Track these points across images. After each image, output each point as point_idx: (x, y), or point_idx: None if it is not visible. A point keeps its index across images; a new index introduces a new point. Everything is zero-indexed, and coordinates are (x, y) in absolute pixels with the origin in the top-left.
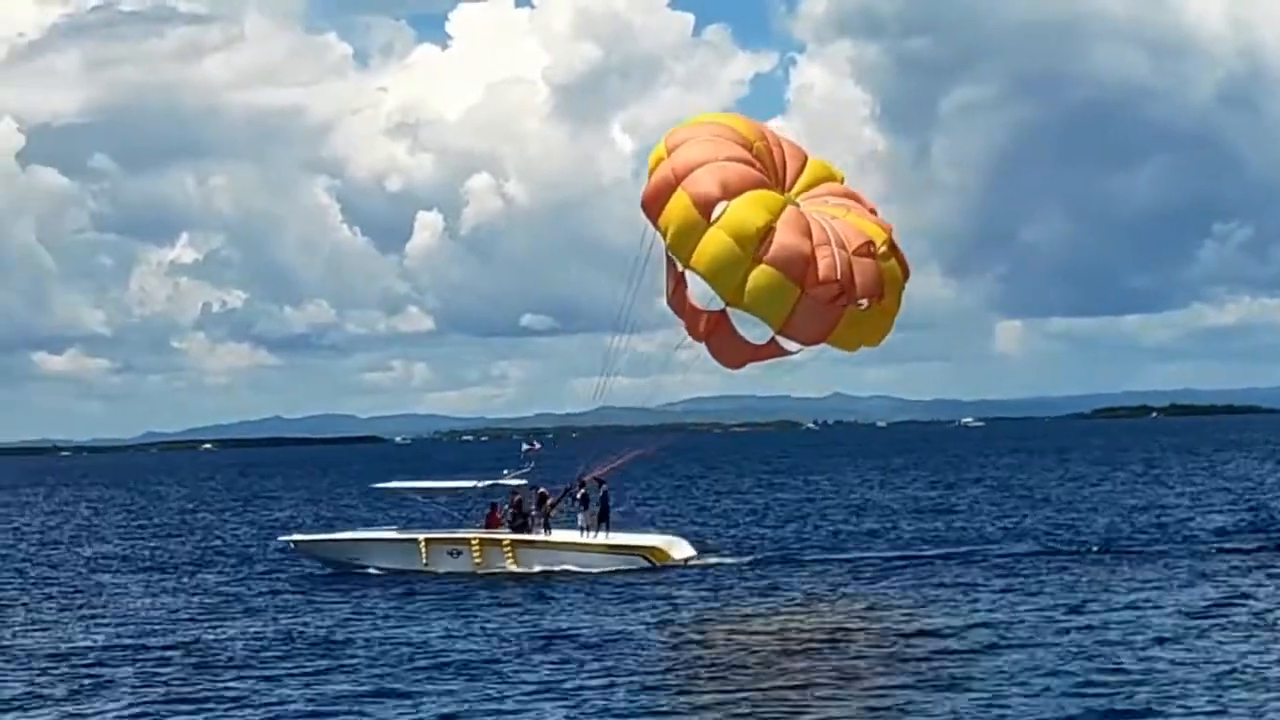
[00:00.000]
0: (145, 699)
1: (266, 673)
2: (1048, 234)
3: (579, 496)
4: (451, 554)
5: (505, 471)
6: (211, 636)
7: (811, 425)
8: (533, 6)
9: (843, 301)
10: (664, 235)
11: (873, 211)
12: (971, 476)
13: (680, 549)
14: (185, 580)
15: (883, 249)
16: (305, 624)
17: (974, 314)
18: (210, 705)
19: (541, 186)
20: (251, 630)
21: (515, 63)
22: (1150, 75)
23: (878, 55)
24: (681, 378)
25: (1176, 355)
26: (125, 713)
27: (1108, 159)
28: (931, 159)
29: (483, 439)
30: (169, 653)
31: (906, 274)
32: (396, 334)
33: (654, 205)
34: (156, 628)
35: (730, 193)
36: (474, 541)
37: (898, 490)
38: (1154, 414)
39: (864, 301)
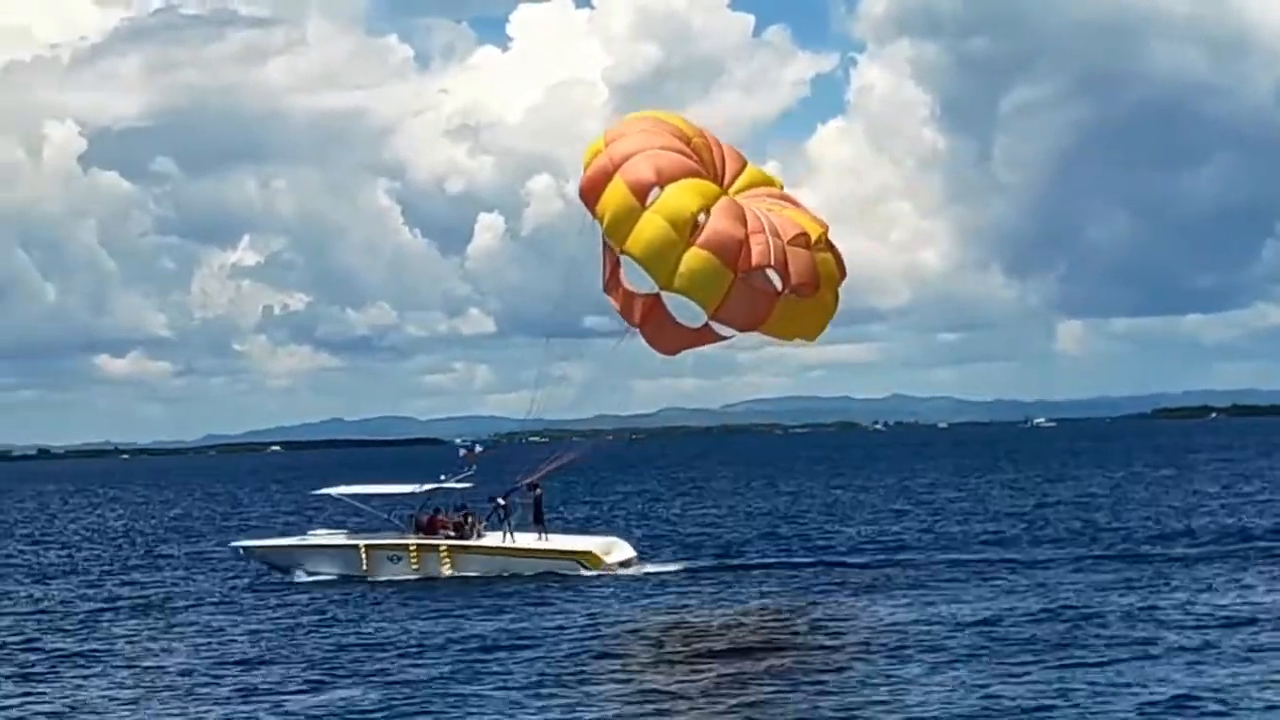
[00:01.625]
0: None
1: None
2: (1109, 233)
3: (501, 504)
4: (391, 559)
5: (443, 477)
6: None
7: (878, 427)
8: (593, 8)
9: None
10: (600, 221)
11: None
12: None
13: (617, 552)
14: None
15: (817, 241)
16: (225, 632)
17: (1035, 314)
18: None
19: None
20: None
21: (575, 64)
22: (1211, 73)
23: (938, 55)
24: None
25: (1238, 355)
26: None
27: (1169, 158)
28: (992, 159)
29: (543, 440)
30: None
31: (843, 273)
32: (457, 336)
33: (591, 193)
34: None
35: (665, 179)
36: (412, 547)
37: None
38: (1214, 414)
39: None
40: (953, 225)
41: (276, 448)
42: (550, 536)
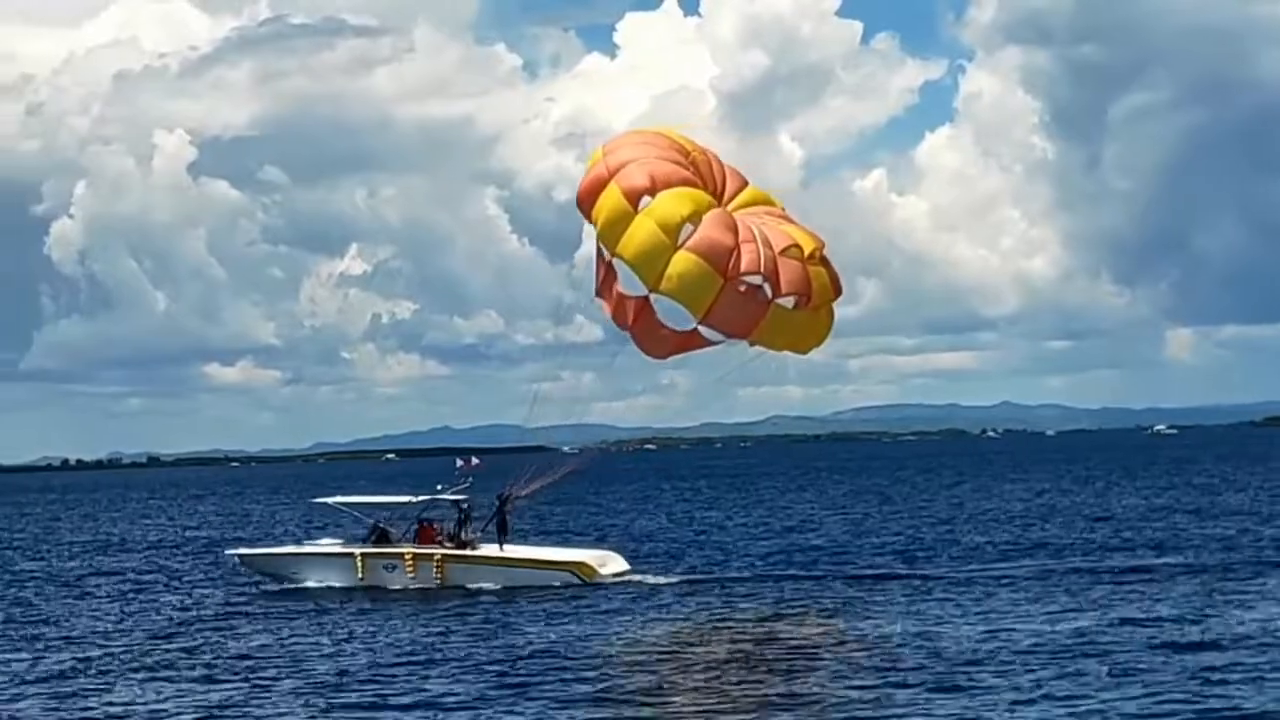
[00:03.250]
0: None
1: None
2: (1219, 241)
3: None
4: (386, 568)
5: (440, 487)
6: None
7: (991, 434)
8: (700, 15)
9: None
10: (595, 226)
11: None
12: None
13: (612, 564)
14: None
15: (811, 255)
16: (221, 641)
17: (1145, 321)
18: None
19: None
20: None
21: (683, 72)
22: None
23: (1047, 62)
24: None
25: None
26: None
27: (1279, 164)
28: (1101, 166)
29: (648, 447)
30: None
31: (838, 289)
32: (565, 343)
33: (587, 200)
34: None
35: (659, 186)
36: (408, 556)
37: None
38: None
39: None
40: (1062, 232)
41: (391, 455)
42: (508, 548)
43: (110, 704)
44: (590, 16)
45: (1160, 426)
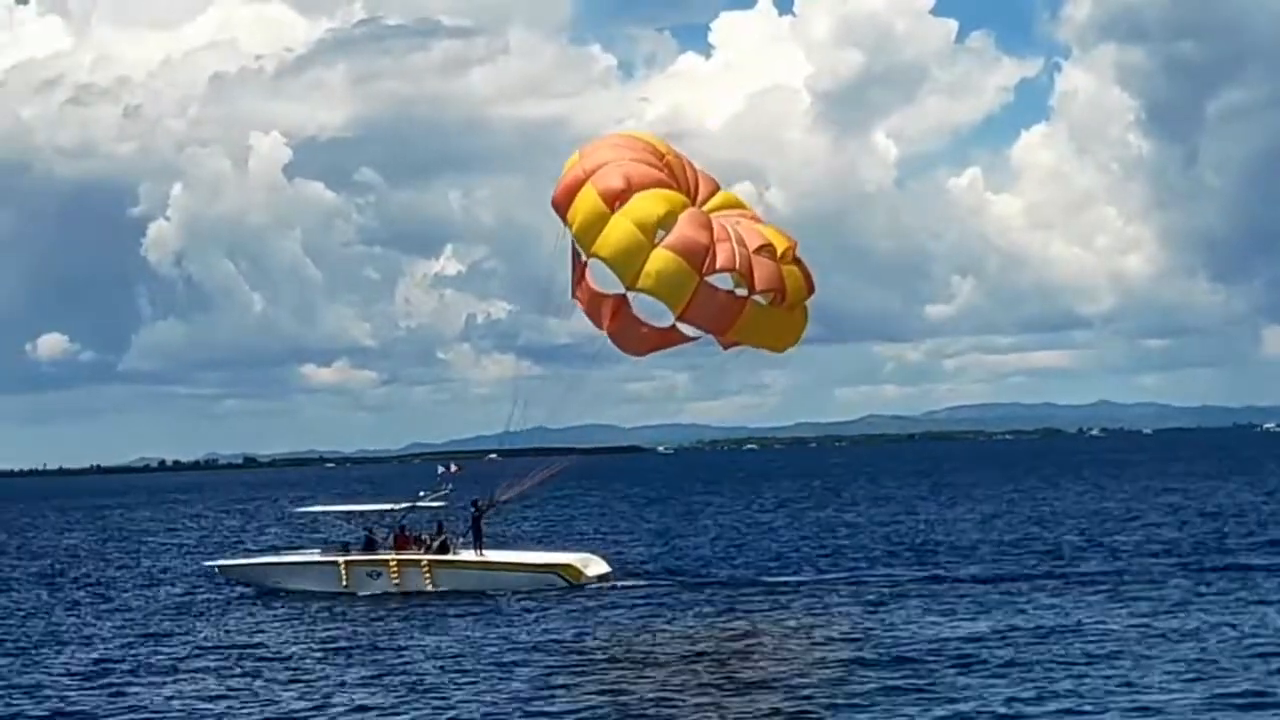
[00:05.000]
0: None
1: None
2: None
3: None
4: (370, 575)
5: (422, 494)
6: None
7: (1094, 433)
8: (795, 14)
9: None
10: (571, 228)
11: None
12: None
13: (595, 567)
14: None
15: (784, 254)
16: (211, 641)
17: (1242, 319)
18: None
19: (804, 195)
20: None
21: (777, 71)
22: None
23: (1143, 59)
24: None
25: None
26: None
27: None
28: (1198, 163)
29: (746, 447)
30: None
31: (811, 289)
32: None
33: (564, 202)
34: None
35: (634, 187)
36: (392, 563)
37: None
38: None
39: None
40: (1158, 230)
41: (494, 455)
42: (486, 553)
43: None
44: (685, 16)
45: (1269, 425)
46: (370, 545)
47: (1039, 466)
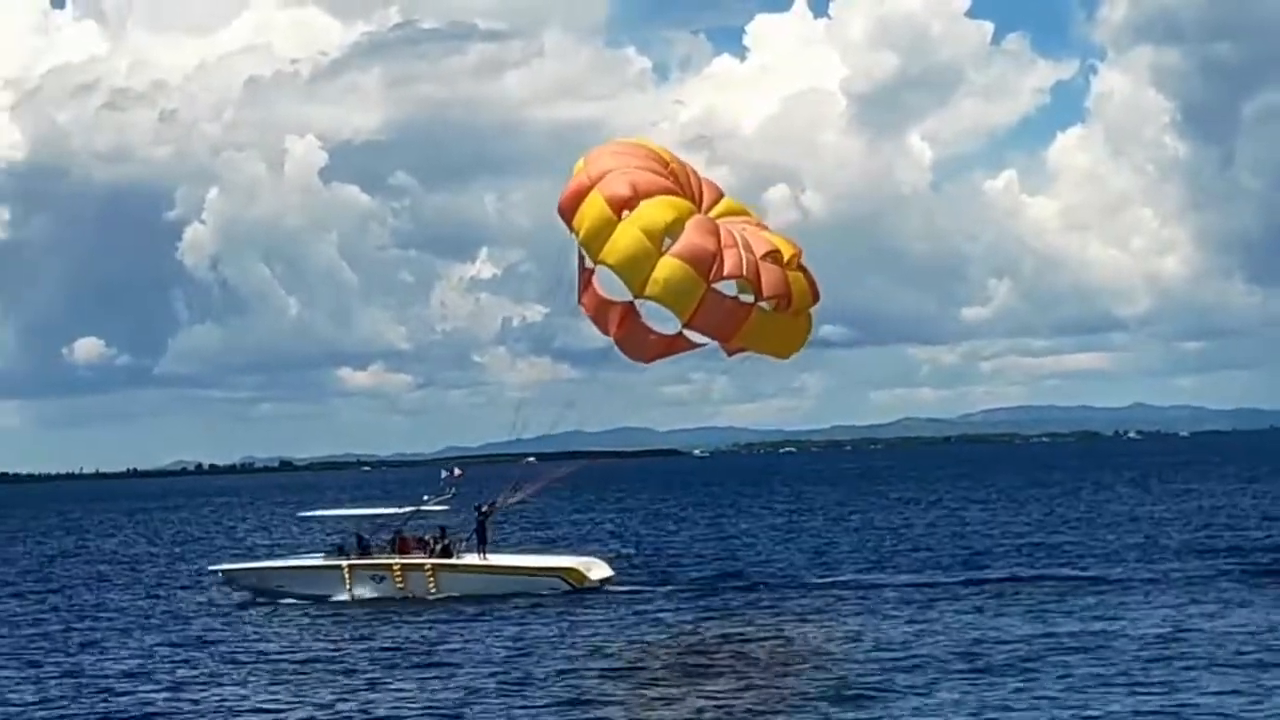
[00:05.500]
0: None
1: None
2: None
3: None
4: (374, 579)
5: (426, 498)
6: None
7: (1132, 435)
8: (830, 17)
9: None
10: (577, 235)
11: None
12: None
13: (597, 570)
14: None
15: (789, 261)
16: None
17: (1278, 321)
18: None
19: (839, 197)
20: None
21: (812, 73)
22: None
23: (1179, 60)
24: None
25: None
26: None
27: None
28: (1235, 165)
29: (783, 450)
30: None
31: (815, 296)
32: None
33: (569, 208)
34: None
35: (641, 194)
36: (396, 567)
37: None
38: None
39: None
40: (1194, 232)
41: (532, 459)
42: (490, 556)
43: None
44: (720, 18)
45: None
46: (362, 548)
47: (1114, 468)
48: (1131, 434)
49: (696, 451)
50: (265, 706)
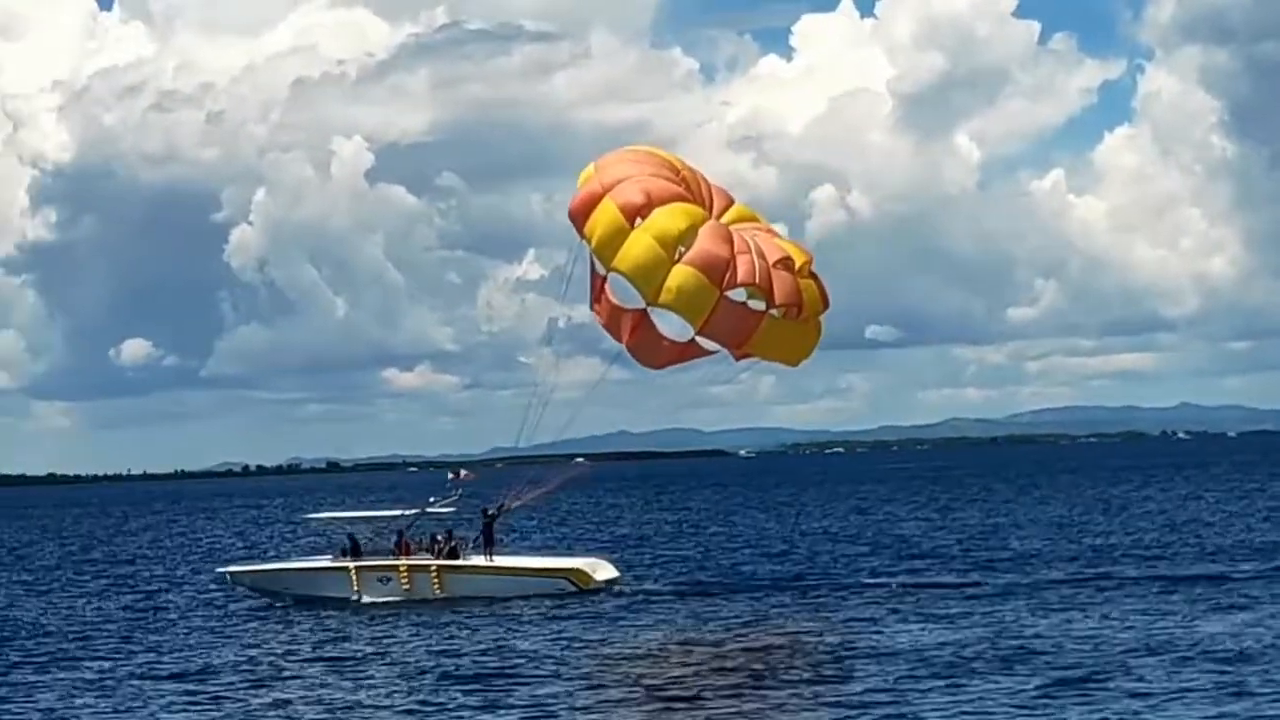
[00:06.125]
0: None
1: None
2: None
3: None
4: (381, 581)
5: (432, 499)
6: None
7: (1183, 435)
8: (876, 17)
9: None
10: (589, 242)
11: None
12: None
13: (603, 571)
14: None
15: (801, 268)
16: (235, 652)
17: None
18: None
19: (885, 198)
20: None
21: (859, 74)
22: None
23: (1226, 60)
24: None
25: None
26: None
27: None
28: None
29: (827, 451)
30: None
31: (825, 303)
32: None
33: (581, 215)
34: None
35: (654, 202)
36: (402, 569)
37: None
38: None
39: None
40: (1242, 232)
41: (581, 459)
42: (496, 557)
43: None
44: (766, 19)
45: None
46: (355, 549)
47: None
48: (1180, 434)
49: (742, 452)
50: (266, 705)
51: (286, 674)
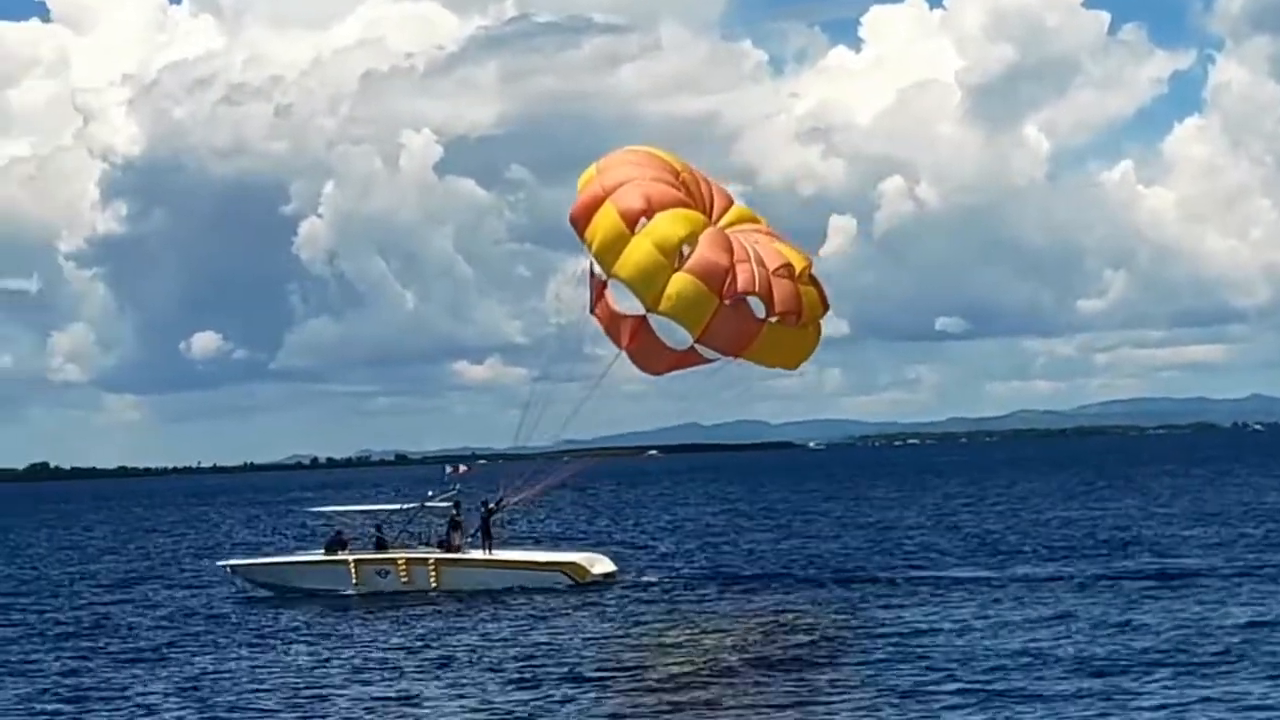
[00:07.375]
0: None
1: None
2: None
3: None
4: (380, 574)
5: (431, 494)
6: None
7: (1256, 427)
8: (945, 8)
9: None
10: (590, 246)
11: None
12: None
13: (601, 565)
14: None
15: (801, 274)
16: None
17: None
18: None
19: (954, 189)
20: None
21: (928, 65)
22: None
23: None
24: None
25: None
26: None
27: None
28: None
29: (896, 444)
30: None
31: (825, 306)
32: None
33: (582, 219)
34: None
35: (655, 207)
36: (400, 562)
37: None
38: None
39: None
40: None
41: (653, 451)
42: (496, 551)
43: None
44: (835, 11)
45: None
46: (339, 544)
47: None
48: (1255, 425)
49: (811, 444)
50: (264, 707)
51: (283, 670)
